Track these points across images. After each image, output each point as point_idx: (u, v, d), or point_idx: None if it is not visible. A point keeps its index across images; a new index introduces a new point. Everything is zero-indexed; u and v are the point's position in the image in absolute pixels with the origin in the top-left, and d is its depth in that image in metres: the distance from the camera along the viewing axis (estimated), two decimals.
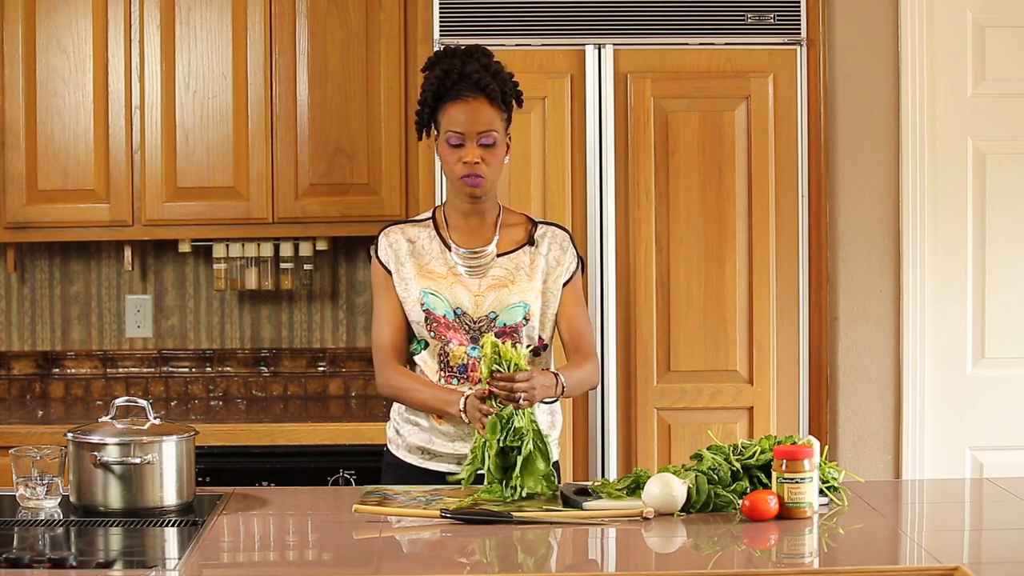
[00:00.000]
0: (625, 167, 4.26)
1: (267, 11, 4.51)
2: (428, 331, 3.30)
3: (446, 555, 2.73)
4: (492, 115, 3.25)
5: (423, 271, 3.31)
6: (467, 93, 3.24)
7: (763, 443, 3.04)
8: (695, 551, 2.75)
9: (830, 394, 4.36)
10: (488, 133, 3.24)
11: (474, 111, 3.23)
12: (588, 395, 4.25)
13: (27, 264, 4.84)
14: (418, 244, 3.35)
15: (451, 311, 3.29)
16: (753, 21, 4.27)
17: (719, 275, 4.27)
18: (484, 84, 3.24)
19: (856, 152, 4.37)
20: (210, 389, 4.85)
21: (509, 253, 3.35)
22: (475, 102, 3.24)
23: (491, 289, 3.31)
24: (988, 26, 4.36)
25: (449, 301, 3.29)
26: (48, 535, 2.84)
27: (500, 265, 3.33)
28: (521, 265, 3.34)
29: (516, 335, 3.31)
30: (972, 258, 4.38)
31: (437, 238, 3.35)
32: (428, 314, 3.30)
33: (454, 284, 3.30)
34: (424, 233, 3.36)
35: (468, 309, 3.29)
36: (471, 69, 3.24)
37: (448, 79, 3.25)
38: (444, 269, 3.31)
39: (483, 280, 3.31)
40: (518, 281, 3.32)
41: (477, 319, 3.30)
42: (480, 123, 3.24)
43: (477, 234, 3.35)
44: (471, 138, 3.24)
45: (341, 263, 4.87)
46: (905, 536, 2.87)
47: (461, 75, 3.24)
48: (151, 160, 4.51)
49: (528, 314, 3.31)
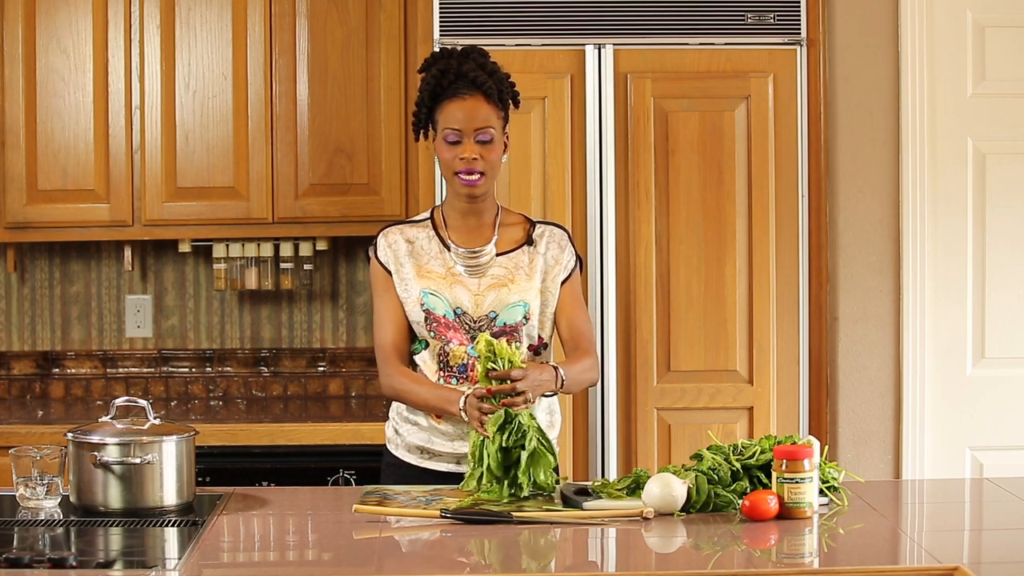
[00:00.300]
0: (625, 167, 4.26)
1: (267, 11, 4.51)
2: (428, 331, 3.31)
3: (446, 555, 2.73)
4: (489, 112, 3.26)
5: (422, 271, 3.32)
6: (464, 91, 3.25)
7: (763, 443, 3.04)
8: (695, 551, 2.75)
9: (830, 394, 4.36)
10: (485, 130, 3.25)
11: (471, 108, 3.25)
12: (588, 395, 4.25)
13: (27, 264, 4.84)
14: (417, 244, 3.35)
15: (451, 311, 3.30)
16: (753, 21, 4.27)
17: (719, 275, 4.27)
18: (480, 82, 3.26)
19: (856, 152, 4.37)
20: (210, 389, 4.85)
21: (508, 252, 3.35)
22: (472, 99, 3.25)
23: (491, 288, 3.31)
24: (988, 26, 4.36)
25: (449, 301, 3.30)
26: (48, 535, 2.84)
27: (499, 264, 3.33)
28: (520, 264, 3.34)
29: (516, 334, 3.32)
30: (972, 258, 4.38)
31: (436, 238, 3.36)
32: (428, 314, 3.30)
33: (453, 284, 3.31)
34: (423, 233, 3.37)
35: (468, 309, 3.30)
36: (467, 68, 3.26)
37: (445, 78, 3.26)
38: (443, 269, 3.32)
39: (482, 280, 3.32)
40: (517, 280, 3.32)
41: (477, 318, 3.30)
42: (477, 119, 3.25)
43: (476, 234, 3.35)
44: (468, 135, 3.25)
45: (341, 263, 4.87)
46: (905, 536, 2.87)
47: (458, 74, 3.26)
48: (151, 160, 4.51)
49: (528, 313, 3.32)
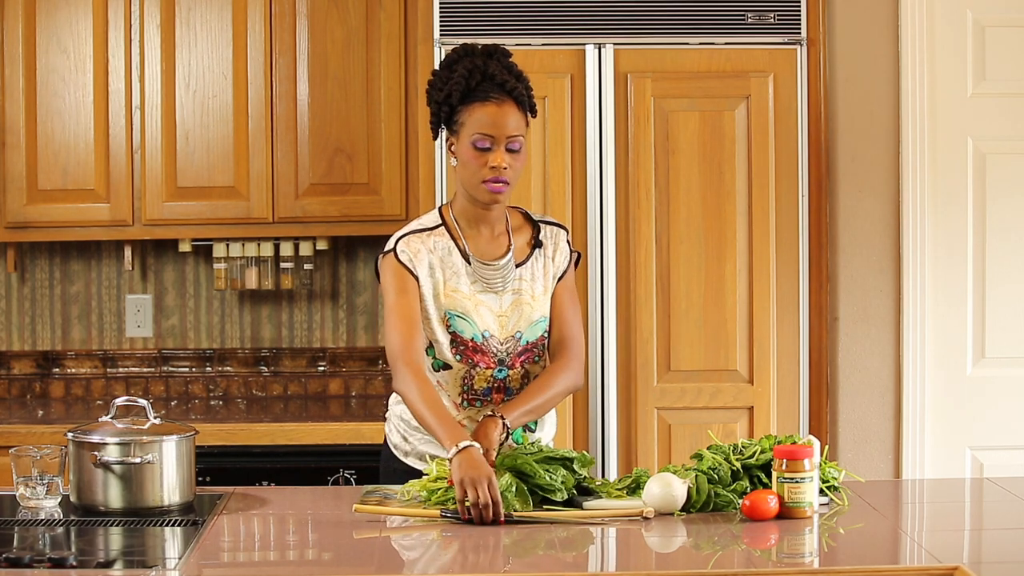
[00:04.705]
0: (625, 167, 4.26)
1: (267, 11, 4.51)
2: (454, 354, 3.20)
3: (446, 555, 2.73)
4: (520, 120, 3.16)
5: (448, 289, 3.20)
6: (494, 95, 3.13)
7: (763, 443, 3.04)
8: (695, 551, 2.75)
9: (830, 394, 4.36)
10: (516, 138, 3.14)
11: (504, 115, 3.13)
12: (588, 395, 4.25)
13: (27, 264, 4.85)
14: (439, 255, 3.21)
15: (479, 334, 3.19)
16: (753, 21, 4.28)
17: (719, 275, 4.28)
18: (511, 88, 3.14)
19: (856, 152, 4.37)
20: (210, 389, 4.85)
21: (524, 263, 3.25)
22: (504, 105, 3.13)
23: (514, 308, 3.22)
24: (988, 26, 4.36)
25: (477, 324, 3.19)
26: (48, 535, 2.84)
27: (519, 277, 3.24)
28: (536, 275, 3.25)
29: (537, 350, 3.25)
30: (972, 258, 4.38)
31: (456, 250, 3.22)
32: (455, 336, 3.19)
33: (479, 305, 3.20)
34: (442, 243, 3.22)
35: (495, 332, 3.20)
36: (494, 69, 3.14)
37: (472, 79, 3.14)
38: (468, 288, 3.20)
39: (503, 296, 3.22)
40: (536, 294, 3.24)
41: (503, 340, 3.21)
42: (510, 127, 3.13)
43: (492, 244, 3.24)
44: (500, 142, 3.13)
45: (341, 263, 4.87)
46: (905, 536, 2.87)
47: (484, 75, 3.14)
48: (151, 160, 4.51)
49: (548, 327, 3.26)
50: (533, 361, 3.25)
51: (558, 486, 2.97)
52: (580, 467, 3.05)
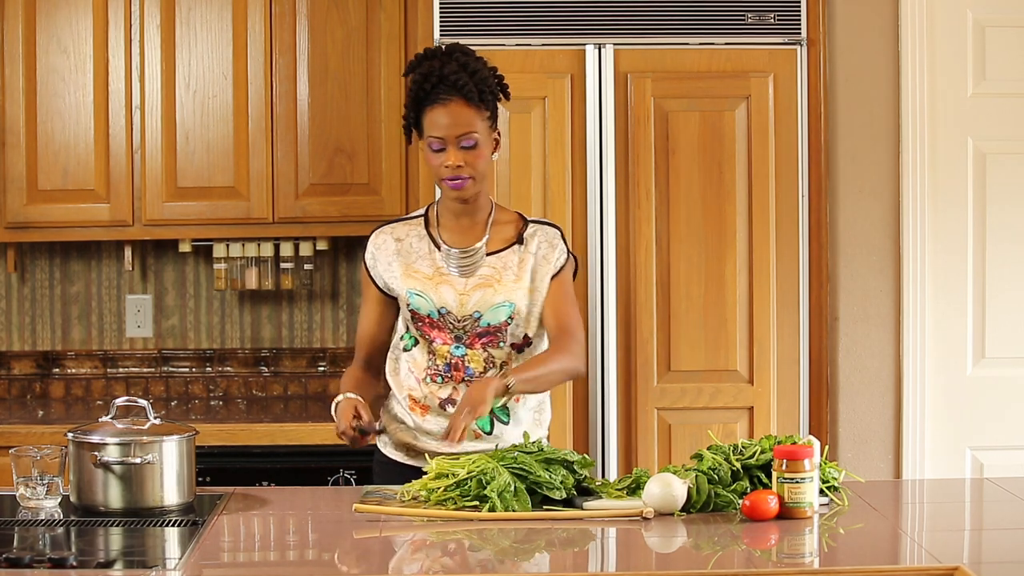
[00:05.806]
0: (625, 167, 4.26)
1: (267, 11, 4.51)
2: (416, 330, 3.34)
3: (446, 555, 2.73)
4: (471, 116, 3.21)
5: (409, 270, 3.33)
6: (444, 96, 3.20)
7: (763, 443, 3.04)
8: (695, 551, 2.75)
9: (830, 394, 4.36)
10: (468, 135, 3.21)
11: (452, 114, 3.20)
12: (588, 395, 4.25)
13: (27, 264, 4.85)
14: (405, 243, 3.36)
15: (435, 311, 3.30)
16: (753, 21, 4.28)
17: (719, 275, 4.28)
18: (461, 84, 3.19)
19: (856, 152, 4.37)
20: (210, 389, 4.85)
21: (498, 252, 3.34)
22: (453, 104, 3.20)
23: (476, 288, 3.30)
24: (988, 26, 4.36)
25: (434, 301, 3.30)
26: (48, 535, 2.84)
27: (488, 264, 3.32)
28: (509, 264, 3.33)
29: (500, 335, 3.31)
30: (972, 258, 4.38)
31: (427, 237, 3.36)
32: (414, 314, 3.32)
33: (440, 284, 3.31)
34: (414, 231, 3.37)
35: (453, 308, 3.30)
36: (449, 70, 3.20)
37: (427, 82, 3.22)
38: (430, 269, 3.32)
39: (470, 279, 3.31)
40: (504, 280, 3.31)
41: (461, 318, 3.30)
42: (459, 126, 3.20)
43: (468, 233, 3.35)
44: (451, 142, 3.21)
45: (341, 263, 4.87)
46: (905, 536, 2.87)
47: (440, 78, 3.20)
48: (151, 160, 4.51)
49: (513, 313, 3.30)
50: (497, 346, 3.31)
51: (557, 484, 2.98)
52: (580, 468, 3.06)
